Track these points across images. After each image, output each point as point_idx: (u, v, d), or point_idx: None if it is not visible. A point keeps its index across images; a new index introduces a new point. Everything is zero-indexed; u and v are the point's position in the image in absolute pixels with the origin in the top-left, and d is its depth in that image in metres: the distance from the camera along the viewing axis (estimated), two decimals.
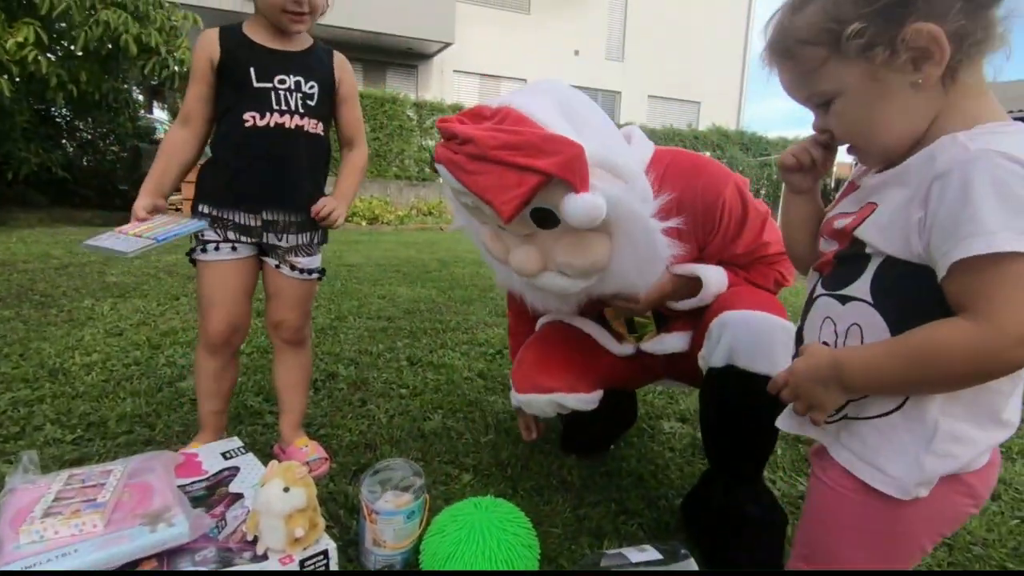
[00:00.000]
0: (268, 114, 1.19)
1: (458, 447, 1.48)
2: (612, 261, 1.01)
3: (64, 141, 8.80)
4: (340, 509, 1.18)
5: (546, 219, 0.97)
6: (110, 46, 5.33)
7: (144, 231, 1.12)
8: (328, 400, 1.76)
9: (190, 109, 1.23)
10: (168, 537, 0.87)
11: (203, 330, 1.30)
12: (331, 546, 0.90)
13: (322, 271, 1.37)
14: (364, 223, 8.77)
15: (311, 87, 1.23)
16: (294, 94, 1.21)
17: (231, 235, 1.24)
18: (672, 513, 1.26)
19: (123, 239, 1.10)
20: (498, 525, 0.93)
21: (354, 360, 2.14)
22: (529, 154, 0.89)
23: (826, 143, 0.77)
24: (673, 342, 1.28)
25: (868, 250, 0.67)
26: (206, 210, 1.24)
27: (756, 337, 1.05)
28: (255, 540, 0.89)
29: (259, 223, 1.25)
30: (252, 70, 1.18)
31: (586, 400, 1.30)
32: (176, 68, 5.76)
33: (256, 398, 1.72)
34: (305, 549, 0.87)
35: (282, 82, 1.20)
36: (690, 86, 15.00)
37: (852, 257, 0.69)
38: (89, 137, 8.91)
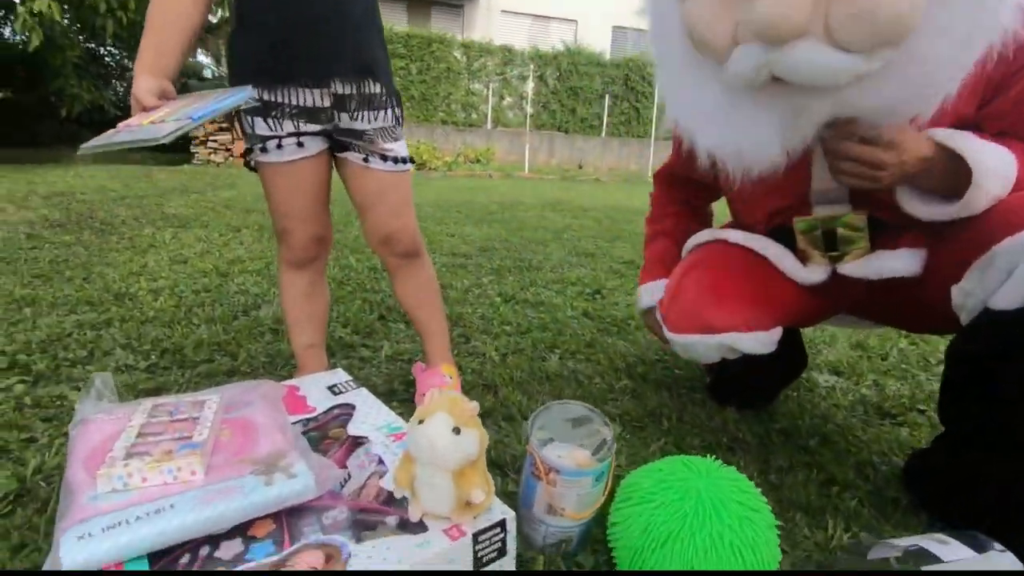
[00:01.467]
0: None
1: (593, 393, 1.23)
2: (924, 25, 0.63)
3: (114, 81, 8.75)
4: None
5: None
6: None
7: (167, 115, 0.82)
8: None
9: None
10: (290, 492, 0.63)
11: (284, 245, 1.06)
12: (509, 515, 0.65)
13: (411, 160, 1.07)
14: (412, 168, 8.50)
15: None
16: None
17: (291, 125, 0.94)
18: (888, 483, 0.98)
19: (141, 129, 0.80)
20: (731, 496, 0.66)
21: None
22: None
23: None
24: (895, 263, 0.92)
25: None
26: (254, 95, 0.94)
27: None
28: (402, 499, 0.65)
29: (329, 100, 0.95)
30: None
31: (765, 341, 1.00)
32: (221, 12, 5.49)
33: (344, 329, 1.49)
34: (476, 517, 0.63)
35: None
36: None
37: None
38: None
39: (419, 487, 0.62)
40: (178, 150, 7.65)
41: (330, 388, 0.95)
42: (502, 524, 0.64)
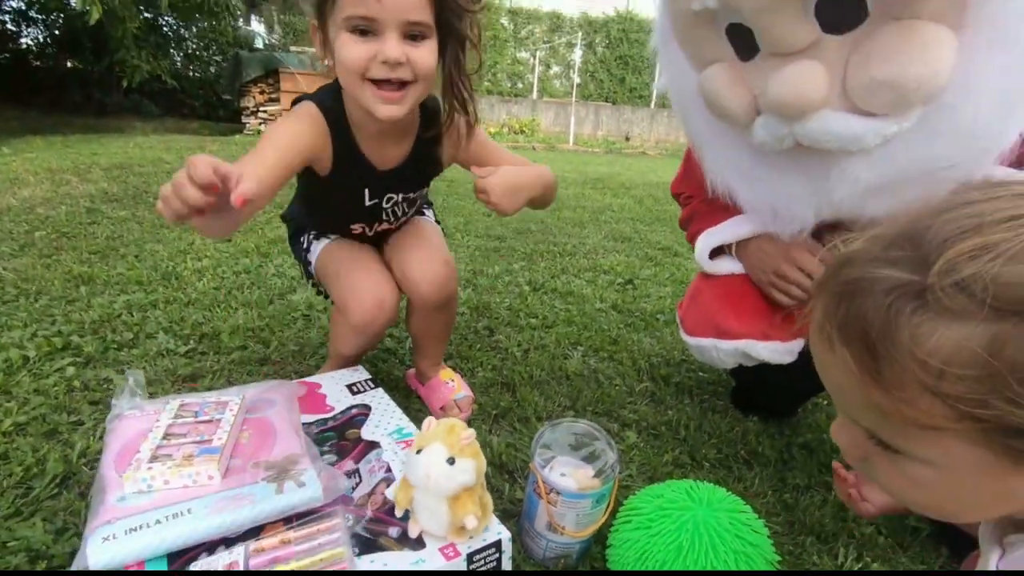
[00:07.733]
0: (376, 224, 1.07)
1: (612, 395, 1.22)
2: (959, 81, 0.61)
3: (172, 51, 9.02)
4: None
5: (842, 14, 0.63)
6: None
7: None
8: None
9: (259, 177, 0.72)
10: (299, 501, 0.67)
11: (347, 312, 0.99)
12: (505, 536, 0.67)
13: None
14: None
15: (418, 194, 1.08)
16: (401, 205, 1.06)
17: None
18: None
19: None
20: (729, 529, 0.66)
21: (470, 281, 1.91)
22: None
23: None
24: None
25: None
26: (314, 236, 1.13)
27: None
28: (405, 515, 0.68)
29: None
30: (366, 191, 0.99)
31: (783, 351, 0.98)
32: None
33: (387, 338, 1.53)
34: (472, 537, 0.65)
35: (389, 200, 1.03)
36: None
37: None
38: (194, 48, 9.10)
39: (417, 509, 0.64)
40: (229, 120, 7.89)
41: (350, 387, 0.99)
42: (497, 545, 0.66)
